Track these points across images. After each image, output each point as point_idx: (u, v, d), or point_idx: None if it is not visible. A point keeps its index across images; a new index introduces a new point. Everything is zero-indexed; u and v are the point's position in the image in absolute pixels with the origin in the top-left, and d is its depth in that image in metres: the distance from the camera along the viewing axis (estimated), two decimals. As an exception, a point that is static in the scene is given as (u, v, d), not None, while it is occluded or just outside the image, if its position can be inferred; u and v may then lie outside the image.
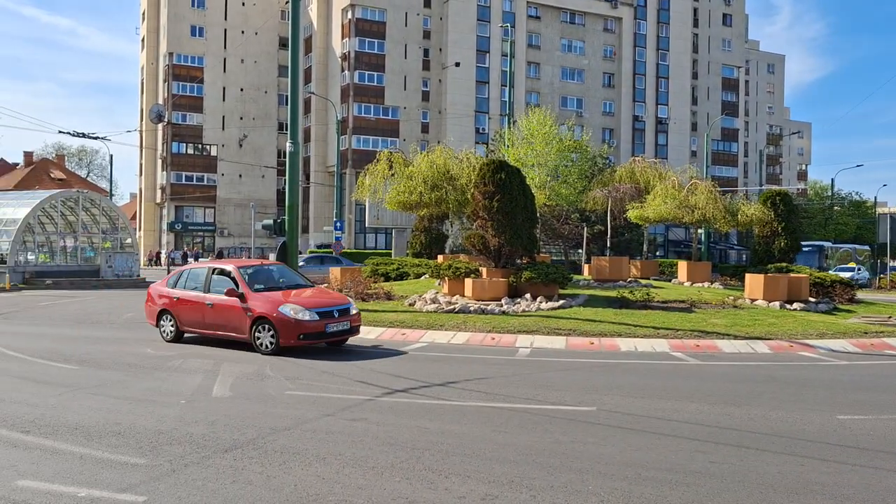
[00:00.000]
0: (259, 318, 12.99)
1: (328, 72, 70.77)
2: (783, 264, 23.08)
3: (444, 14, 69.28)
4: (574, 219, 33.55)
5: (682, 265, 25.25)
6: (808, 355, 13.79)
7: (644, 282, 22.51)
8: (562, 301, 18.15)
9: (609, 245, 29.62)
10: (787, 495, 5.84)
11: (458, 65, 68.10)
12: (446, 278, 19.72)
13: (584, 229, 29.86)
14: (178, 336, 14.49)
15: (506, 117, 38.48)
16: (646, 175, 28.28)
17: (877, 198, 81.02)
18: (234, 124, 74.03)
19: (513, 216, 19.10)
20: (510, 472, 6.30)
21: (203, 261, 65.07)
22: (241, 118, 74.27)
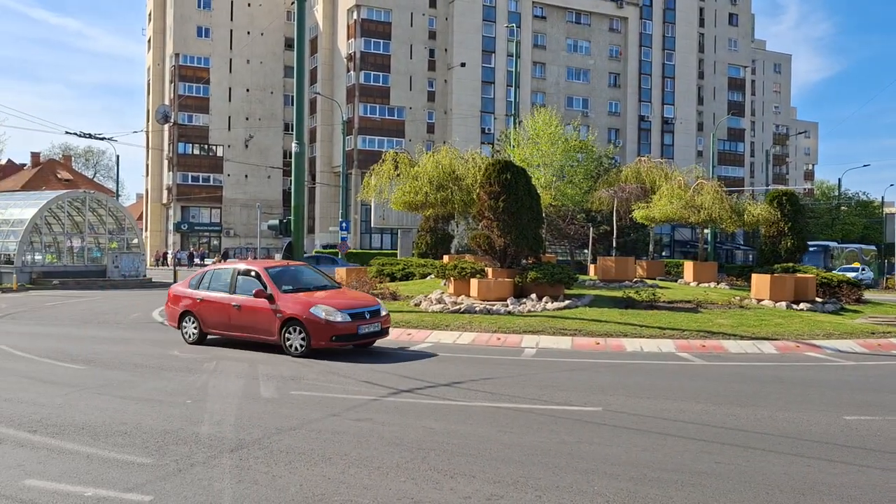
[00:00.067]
0: (289, 319, 12.70)
1: (334, 72, 70.87)
2: (790, 264, 22.99)
3: (449, 14, 69.30)
4: (580, 219, 33.56)
5: (688, 265, 25.20)
6: (815, 356, 13.74)
7: (650, 282, 22.46)
8: (567, 301, 18.12)
9: (615, 245, 29.60)
10: (793, 496, 5.82)
11: (463, 65, 68.13)
12: (452, 278, 19.72)
13: (589, 229, 29.88)
14: (202, 338, 14.16)
15: (511, 117, 38.44)
16: (652, 175, 28.23)
17: (884, 198, 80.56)
18: (240, 125, 74.23)
19: (518, 216, 19.09)
20: (516, 473, 6.30)
21: (209, 262, 65.27)
22: (246, 119, 74.47)
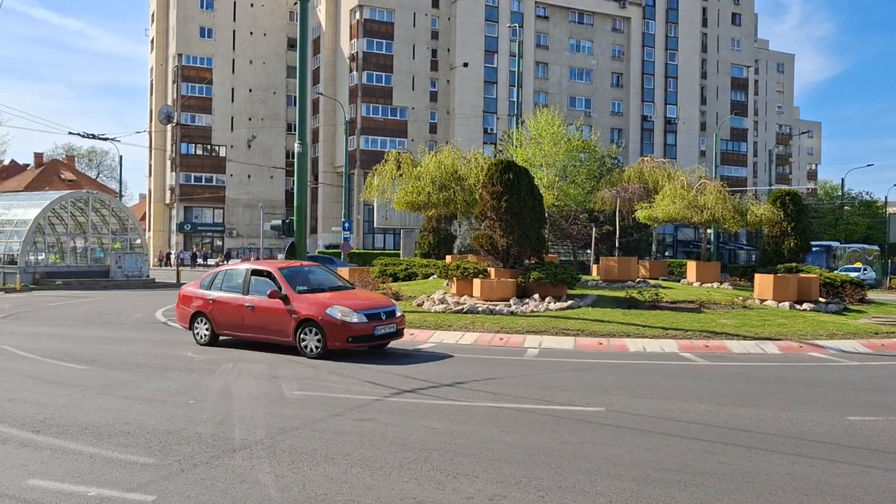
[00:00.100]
0: (305, 320, 12.57)
1: (336, 72, 70.90)
2: (793, 264, 22.97)
3: (452, 14, 69.29)
4: (582, 219, 33.53)
5: (691, 265, 25.17)
6: (818, 356, 13.72)
7: (653, 282, 22.44)
8: (570, 301, 18.12)
9: (618, 245, 29.59)
10: (796, 496, 5.81)
11: (466, 65, 68.10)
12: (454, 279, 19.72)
13: (592, 229, 29.86)
14: (214, 339, 14.02)
15: (514, 117, 38.44)
16: (654, 175, 28.22)
17: (887, 197, 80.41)
18: (243, 125, 74.30)
19: (521, 216, 19.09)
20: (518, 473, 6.30)
21: (212, 262, 65.32)
22: (249, 119, 74.53)
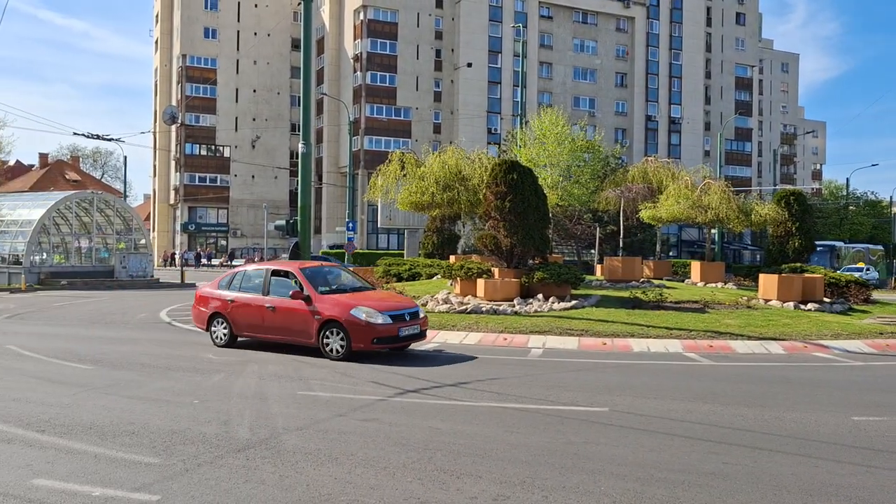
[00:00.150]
0: (328, 321, 12.41)
1: (340, 73, 70.94)
2: (797, 264, 22.91)
3: (455, 15, 69.28)
4: (586, 219, 33.49)
5: (696, 265, 25.13)
6: (823, 356, 13.70)
7: (657, 282, 22.42)
8: (574, 301, 18.10)
9: (622, 245, 29.52)
10: (800, 497, 5.80)
11: (470, 65, 68.09)
12: (458, 279, 19.72)
13: (596, 229, 29.79)
14: (232, 340, 13.87)
15: (518, 117, 38.44)
16: (658, 175, 28.18)
17: (892, 197, 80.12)
18: (247, 125, 74.40)
19: (525, 216, 19.08)
20: (522, 473, 6.29)
21: (215, 262, 65.42)
22: (253, 119, 74.63)
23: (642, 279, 22.89)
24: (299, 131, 18.99)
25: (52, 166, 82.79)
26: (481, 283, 18.87)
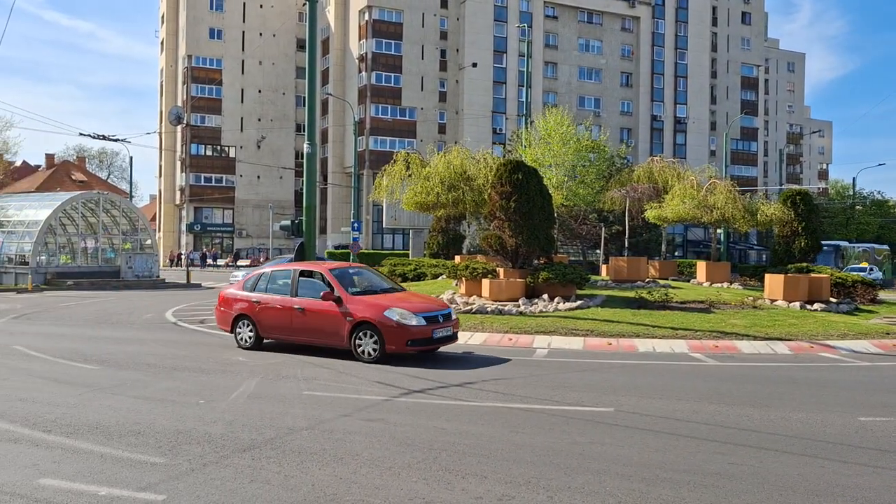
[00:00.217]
0: (360, 323, 12.17)
1: (345, 73, 71.01)
2: (803, 264, 22.86)
3: (460, 14, 69.27)
4: (592, 219, 33.48)
5: (701, 265, 25.09)
6: (829, 356, 13.65)
7: (662, 282, 22.38)
8: (579, 301, 18.09)
9: (627, 245, 29.52)
10: (807, 497, 5.78)
11: (475, 65, 68.08)
12: (463, 279, 19.72)
13: (601, 229, 29.79)
14: (258, 342, 13.59)
15: (523, 117, 38.38)
16: (664, 175, 28.13)
17: (899, 197, 79.95)
18: (253, 126, 74.54)
19: (530, 216, 19.06)
20: (527, 473, 6.29)
21: (221, 262, 65.52)
22: (258, 120, 74.76)
23: (648, 279, 22.86)
24: (304, 131, 19.02)
25: (59, 167, 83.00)
26: (486, 283, 18.87)
